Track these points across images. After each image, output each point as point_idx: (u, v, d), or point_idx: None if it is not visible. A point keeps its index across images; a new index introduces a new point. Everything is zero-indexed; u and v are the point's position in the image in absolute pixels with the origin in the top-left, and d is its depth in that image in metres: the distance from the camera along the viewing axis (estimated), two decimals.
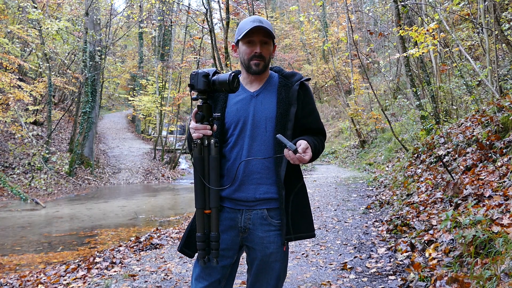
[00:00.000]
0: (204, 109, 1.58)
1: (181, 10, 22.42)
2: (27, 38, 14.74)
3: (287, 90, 1.67)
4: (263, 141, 1.63)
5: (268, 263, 1.65)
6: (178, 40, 28.78)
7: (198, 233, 1.57)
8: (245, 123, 1.65)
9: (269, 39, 1.64)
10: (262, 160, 1.62)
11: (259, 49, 1.62)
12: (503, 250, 2.37)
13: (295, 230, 1.63)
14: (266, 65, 1.67)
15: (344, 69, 24.68)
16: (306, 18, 22.15)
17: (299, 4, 33.40)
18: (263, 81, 1.72)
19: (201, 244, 1.57)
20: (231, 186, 1.65)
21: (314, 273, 3.46)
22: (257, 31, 1.61)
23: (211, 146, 1.56)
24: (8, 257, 5.66)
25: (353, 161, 16.81)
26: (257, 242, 1.64)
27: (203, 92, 1.58)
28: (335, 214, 6.11)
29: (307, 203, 1.71)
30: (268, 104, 1.66)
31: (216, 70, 1.61)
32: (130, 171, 17.76)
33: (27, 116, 15.81)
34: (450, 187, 4.30)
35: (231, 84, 1.54)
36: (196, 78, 1.56)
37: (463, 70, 9.04)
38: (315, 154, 1.59)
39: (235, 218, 1.66)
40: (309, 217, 1.71)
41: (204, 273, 1.67)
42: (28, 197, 11.62)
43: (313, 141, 1.61)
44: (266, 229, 1.63)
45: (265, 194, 1.63)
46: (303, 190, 1.70)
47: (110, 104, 33.80)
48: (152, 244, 5.33)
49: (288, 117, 1.62)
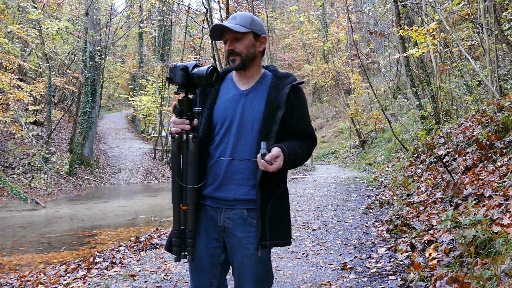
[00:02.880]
0: (184, 103, 1.55)
1: (181, 10, 22.42)
2: (27, 38, 14.75)
3: (277, 92, 1.62)
4: (249, 141, 1.58)
5: (248, 266, 1.59)
6: (178, 40, 28.81)
7: (173, 229, 1.54)
8: (232, 122, 1.61)
9: (242, 34, 1.59)
10: (245, 161, 1.58)
11: (228, 46, 1.61)
12: (503, 250, 2.37)
13: (272, 237, 1.57)
14: (245, 59, 1.61)
15: (344, 69, 24.69)
16: (306, 18, 22.17)
17: (299, 4, 33.39)
18: (255, 79, 1.68)
19: (176, 241, 1.54)
20: (211, 186, 1.62)
21: (314, 273, 3.46)
22: (221, 31, 1.60)
23: (189, 141, 1.53)
24: (8, 257, 5.66)
25: (353, 161, 16.81)
26: (236, 243, 1.60)
27: (182, 86, 1.55)
28: (335, 214, 6.11)
29: (287, 210, 1.67)
30: (257, 105, 1.62)
31: (196, 63, 1.58)
32: (130, 171, 17.76)
33: (27, 116, 15.82)
34: (450, 187, 4.30)
35: (209, 78, 1.51)
36: (174, 72, 1.53)
37: (463, 70, 9.04)
38: (294, 161, 1.55)
39: (215, 217, 1.63)
40: (287, 224, 1.66)
41: (194, 274, 1.66)
42: (28, 197, 11.62)
43: (294, 148, 1.57)
44: (246, 229, 1.59)
45: (246, 195, 1.59)
46: (284, 196, 1.65)
47: (110, 104, 33.83)
48: (152, 244, 5.33)
49: (274, 119, 1.57)
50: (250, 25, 1.61)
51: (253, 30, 1.61)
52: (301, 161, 1.62)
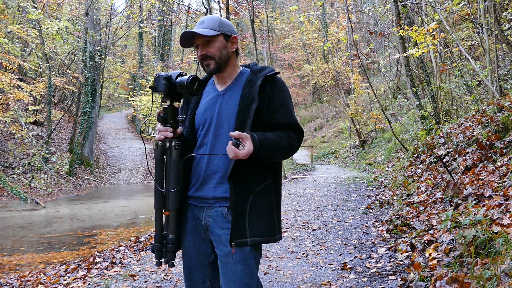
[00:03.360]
0: (168, 111, 1.57)
1: (181, 10, 22.42)
2: (27, 38, 14.75)
3: (251, 86, 1.60)
4: (226, 139, 1.55)
5: (227, 264, 1.55)
6: (178, 40, 28.78)
7: (156, 234, 1.57)
8: (210, 123, 1.63)
9: (211, 37, 1.59)
10: (224, 160, 1.57)
11: (200, 51, 1.61)
12: (503, 250, 2.37)
13: (252, 233, 1.53)
14: (219, 62, 1.61)
15: (344, 69, 24.68)
16: (306, 18, 22.17)
17: (299, 4, 33.38)
18: (231, 79, 1.68)
19: (158, 245, 1.57)
20: (193, 186, 1.64)
21: (314, 273, 3.46)
22: (191, 37, 1.61)
23: (172, 148, 1.55)
24: (8, 257, 5.66)
25: (353, 161, 16.81)
26: (216, 240, 1.60)
27: (166, 94, 1.57)
28: (335, 214, 6.11)
29: (271, 206, 1.61)
30: (233, 102, 1.62)
31: (180, 73, 1.60)
32: (130, 171, 17.76)
33: (27, 116, 15.82)
34: (450, 187, 4.30)
35: (189, 87, 1.53)
36: (158, 81, 1.56)
37: (463, 70, 9.04)
38: (270, 149, 1.50)
39: (199, 215, 1.64)
40: (271, 220, 1.59)
41: (185, 272, 1.68)
42: (28, 197, 11.62)
43: (268, 136, 1.52)
44: (225, 226, 1.57)
45: (225, 193, 1.58)
46: (267, 190, 1.60)
47: (110, 104, 33.82)
48: (152, 244, 5.33)
49: (248, 113, 1.55)
50: (219, 27, 1.61)
51: (222, 31, 1.62)
52: (283, 150, 1.56)
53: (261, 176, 1.60)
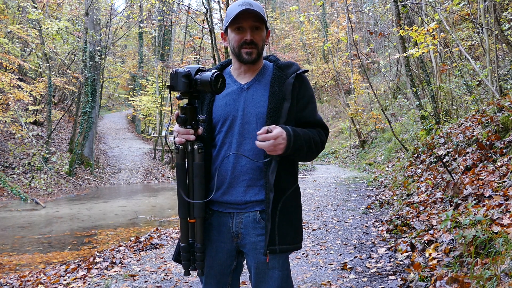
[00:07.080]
0: (188, 111, 1.42)
1: (181, 10, 22.41)
2: (27, 38, 14.74)
3: (281, 83, 1.48)
4: (254, 139, 1.39)
5: (264, 271, 1.47)
6: (178, 40, 28.80)
7: (182, 243, 1.46)
8: (234, 119, 1.49)
9: (261, 23, 1.46)
10: (252, 161, 1.45)
11: (249, 35, 1.45)
12: (503, 250, 2.37)
13: (281, 241, 1.44)
14: (260, 53, 1.49)
15: (344, 69, 24.69)
16: (306, 18, 22.17)
17: (299, 4, 33.40)
18: (255, 72, 1.55)
19: (185, 255, 1.46)
20: (218, 190, 1.49)
21: (314, 273, 3.46)
22: (246, 15, 1.43)
23: (194, 152, 1.41)
24: (8, 257, 5.66)
25: (353, 161, 16.81)
26: (250, 248, 1.48)
27: (185, 93, 1.42)
28: (335, 214, 6.11)
29: (298, 211, 1.53)
30: (259, 98, 1.49)
31: (199, 68, 1.42)
32: (130, 171, 17.76)
33: (27, 116, 15.82)
34: (450, 187, 4.30)
35: (214, 85, 1.36)
36: (176, 79, 1.40)
37: (463, 70, 9.04)
38: (304, 142, 1.41)
39: (227, 222, 1.51)
40: (299, 227, 1.52)
41: (204, 282, 1.58)
42: (28, 197, 11.62)
43: (301, 130, 1.44)
44: (259, 232, 1.46)
45: (256, 196, 1.46)
46: (295, 195, 1.52)
47: (110, 104, 33.83)
48: (152, 244, 5.33)
49: (280, 113, 1.44)
50: (264, 14, 1.47)
51: (265, 22, 1.50)
52: (317, 145, 1.48)
53: (293, 178, 1.52)
